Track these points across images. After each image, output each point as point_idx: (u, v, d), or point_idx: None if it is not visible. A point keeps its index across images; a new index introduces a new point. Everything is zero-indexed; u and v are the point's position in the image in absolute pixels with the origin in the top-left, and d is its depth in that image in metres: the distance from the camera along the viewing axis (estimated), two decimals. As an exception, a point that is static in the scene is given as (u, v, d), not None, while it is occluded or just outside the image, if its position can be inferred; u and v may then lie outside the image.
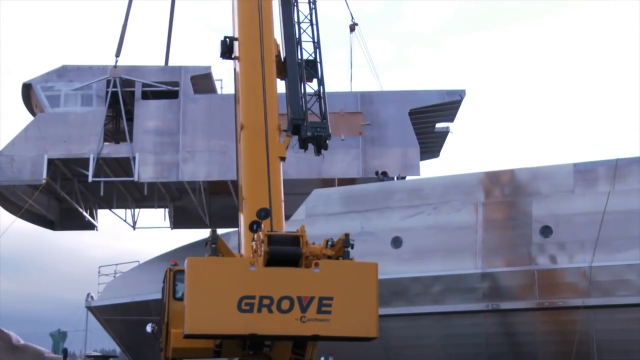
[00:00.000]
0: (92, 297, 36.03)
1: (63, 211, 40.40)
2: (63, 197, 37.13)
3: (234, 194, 33.74)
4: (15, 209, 36.36)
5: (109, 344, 51.24)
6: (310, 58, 20.65)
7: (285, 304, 14.58)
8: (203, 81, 35.74)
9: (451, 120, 35.67)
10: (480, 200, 26.69)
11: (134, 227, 40.81)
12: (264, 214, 15.77)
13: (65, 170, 35.00)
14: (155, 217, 41.95)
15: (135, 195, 38.69)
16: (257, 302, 14.54)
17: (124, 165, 34.86)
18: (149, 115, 34.57)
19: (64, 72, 34.77)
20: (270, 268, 15.03)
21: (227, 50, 20.46)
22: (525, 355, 26.01)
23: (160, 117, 34.43)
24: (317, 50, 20.86)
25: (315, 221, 27.74)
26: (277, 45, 20.21)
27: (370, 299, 15.11)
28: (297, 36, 20.51)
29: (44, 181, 33.08)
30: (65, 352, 35.49)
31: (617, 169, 25.79)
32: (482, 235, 26.20)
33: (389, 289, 26.36)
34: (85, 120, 34.27)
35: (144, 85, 34.46)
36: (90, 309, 35.92)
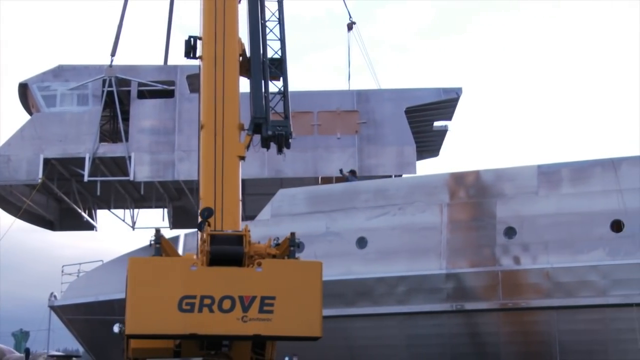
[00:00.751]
0: (55, 296, 35.62)
1: (62, 211, 40.18)
2: (61, 197, 36.92)
3: None
4: (14, 210, 36.20)
5: (72, 344, 50.83)
6: (276, 56, 20.67)
7: (226, 304, 14.58)
8: (198, 80, 35.67)
9: (449, 118, 35.67)
10: (445, 201, 26.77)
11: (133, 227, 40.47)
12: (207, 213, 15.78)
13: (63, 170, 34.73)
14: (156, 217, 41.77)
15: (134, 195, 38.45)
16: (197, 302, 14.53)
17: (120, 165, 34.65)
18: (144, 115, 34.41)
19: (60, 72, 34.65)
20: (211, 268, 15.06)
21: (190, 50, 20.40)
22: (489, 355, 26.13)
23: (156, 117, 34.27)
24: (283, 48, 20.84)
25: (281, 221, 27.75)
26: (242, 44, 20.14)
27: (314, 299, 15.09)
28: (263, 34, 20.50)
29: (39, 181, 32.91)
30: (27, 351, 35.10)
31: (580, 171, 26.08)
32: (447, 236, 26.29)
33: (354, 289, 26.44)
34: (81, 119, 34.09)
35: (140, 84, 34.31)
36: (53, 308, 35.49)
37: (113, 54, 33.98)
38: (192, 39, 20.37)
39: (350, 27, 36.53)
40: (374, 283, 26.28)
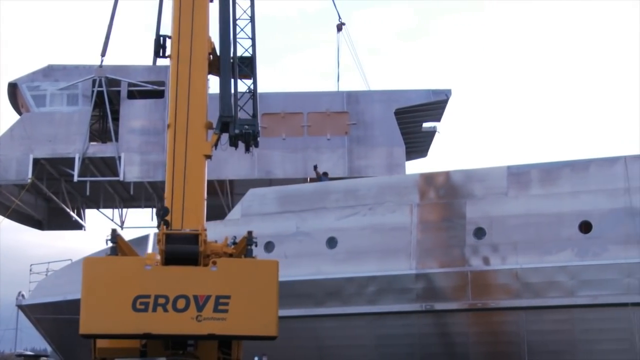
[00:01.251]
0: (23, 295, 35.30)
1: (51, 211, 39.85)
2: (50, 197, 36.59)
3: (220, 194, 34.20)
4: (2, 209, 35.90)
5: (40, 343, 50.37)
6: (247, 55, 20.63)
7: (180, 303, 14.65)
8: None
9: (438, 119, 35.70)
10: (415, 201, 26.80)
11: (122, 226, 40.13)
12: (163, 212, 15.81)
13: (52, 170, 34.41)
14: (145, 217, 41.36)
15: (123, 195, 38.32)
16: (152, 302, 14.62)
17: (110, 165, 34.41)
18: (134, 115, 34.16)
19: (49, 72, 34.38)
20: (166, 267, 15.09)
21: (160, 49, 20.34)
22: (458, 355, 26.20)
23: (146, 117, 34.05)
24: (253, 47, 20.80)
25: (251, 221, 27.62)
26: (212, 43, 20.07)
27: (269, 298, 15.18)
28: (234, 33, 20.45)
29: (29, 181, 32.70)
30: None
31: (550, 172, 26.21)
32: (417, 237, 26.31)
33: (324, 289, 26.40)
34: (71, 119, 33.84)
35: (130, 84, 34.08)
36: (21, 307, 35.16)
37: (103, 54, 33.62)
38: (161, 38, 20.33)
39: (339, 27, 36.64)
40: (343, 283, 26.25)
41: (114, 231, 15.93)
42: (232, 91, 19.26)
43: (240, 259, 15.92)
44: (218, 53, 19.82)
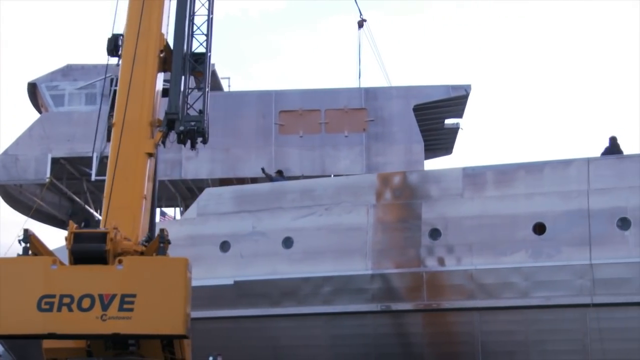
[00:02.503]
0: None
1: (74, 211, 39.07)
2: (71, 196, 36.25)
3: None
4: (25, 209, 35.62)
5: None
6: (201, 51, 20.71)
7: (86, 303, 14.62)
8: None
9: (460, 116, 35.37)
10: (371, 202, 26.86)
11: None
12: (71, 212, 15.88)
13: (72, 169, 34.16)
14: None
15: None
16: (57, 301, 14.59)
17: None
18: None
19: (68, 71, 34.28)
20: (72, 266, 15.08)
21: (112, 47, 20.30)
22: (413, 356, 26.30)
23: (162, 115, 34.01)
24: (208, 43, 20.85)
25: (207, 220, 27.59)
26: (165, 40, 20.10)
27: (177, 296, 15.09)
28: (190, 30, 20.52)
29: (47, 180, 32.54)
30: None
31: (505, 173, 26.40)
32: (373, 237, 26.36)
33: (280, 289, 26.40)
34: (89, 119, 32.36)
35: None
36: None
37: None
38: (115, 37, 20.32)
39: (360, 24, 36.25)
40: (299, 283, 26.24)
41: (26, 231, 15.84)
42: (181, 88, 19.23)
43: (146, 257, 15.85)
44: None
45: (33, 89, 34.99)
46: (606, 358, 24.47)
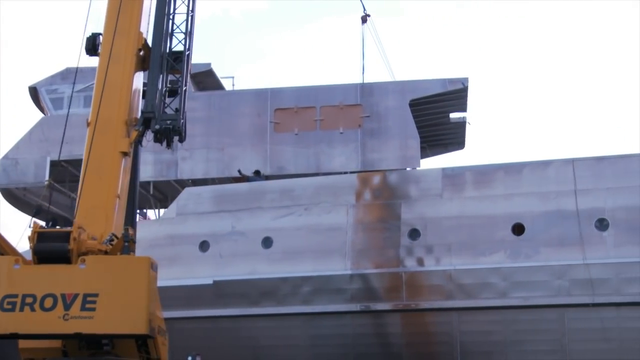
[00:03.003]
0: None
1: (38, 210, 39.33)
2: (74, 198, 36.02)
3: None
4: (31, 210, 35.40)
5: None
6: (179, 49, 20.67)
7: (48, 302, 14.58)
8: (208, 79, 35.15)
9: (463, 110, 34.93)
10: (351, 202, 26.88)
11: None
12: (35, 211, 15.84)
13: (75, 171, 34.08)
14: None
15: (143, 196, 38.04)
16: (19, 301, 14.56)
17: None
18: None
19: (67, 74, 33.91)
20: (34, 266, 15.03)
21: (91, 47, 20.24)
22: (392, 356, 26.33)
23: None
24: (188, 42, 20.83)
25: (186, 220, 27.55)
26: (144, 38, 20.05)
27: (139, 295, 15.00)
28: (166, 28, 20.46)
29: (46, 183, 32.35)
30: None
31: (484, 174, 26.49)
32: (352, 237, 26.38)
33: (259, 289, 26.37)
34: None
35: (145, 84, 33.76)
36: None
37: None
38: (94, 36, 20.24)
39: (364, 19, 35.60)
40: (278, 283, 26.22)
41: None
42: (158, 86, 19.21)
43: (109, 256, 15.74)
44: None
45: (35, 93, 35.04)
46: (584, 358, 24.57)
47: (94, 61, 20.23)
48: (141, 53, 19.88)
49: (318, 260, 26.25)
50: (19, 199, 35.45)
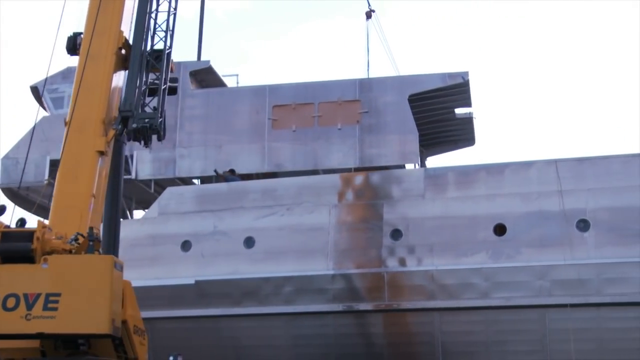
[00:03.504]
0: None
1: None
2: None
3: None
4: (39, 209, 35.47)
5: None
6: (160, 48, 20.69)
7: (10, 302, 14.59)
8: (208, 76, 34.95)
9: (467, 105, 34.55)
10: (333, 202, 26.88)
11: None
12: (1, 210, 15.78)
13: None
14: None
15: (141, 196, 37.91)
16: None
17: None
18: None
19: (68, 74, 33.30)
20: None
21: (72, 46, 20.20)
22: (374, 356, 26.38)
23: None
24: (168, 39, 20.84)
25: (168, 219, 27.50)
26: (124, 37, 20.03)
27: (101, 294, 14.96)
28: (147, 26, 20.48)
29: (46, 182, 32.34)
30: None
31: (466, 175, 26.56)
32: (334, 237, 26.38)
33: (241, 289, 26.35)
34: None
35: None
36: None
37: None
38: (75, 35, 20.21)
39: (369, 15, 35.61)
40: (260, 283, 26.20)
41: None
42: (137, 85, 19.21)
43: (72, 256, 15.68)
44: None
45: (37, 93, 34.88)
46: (565, 358, 24.65)
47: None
48: (123, 52, 19.84)
49: (300, 260, 26.24)
50: (22, 198, 35.24)
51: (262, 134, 31.91)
